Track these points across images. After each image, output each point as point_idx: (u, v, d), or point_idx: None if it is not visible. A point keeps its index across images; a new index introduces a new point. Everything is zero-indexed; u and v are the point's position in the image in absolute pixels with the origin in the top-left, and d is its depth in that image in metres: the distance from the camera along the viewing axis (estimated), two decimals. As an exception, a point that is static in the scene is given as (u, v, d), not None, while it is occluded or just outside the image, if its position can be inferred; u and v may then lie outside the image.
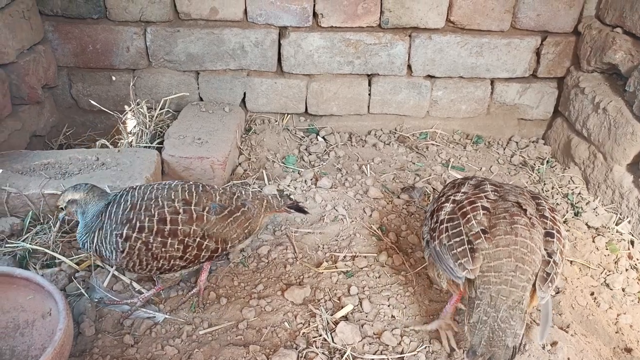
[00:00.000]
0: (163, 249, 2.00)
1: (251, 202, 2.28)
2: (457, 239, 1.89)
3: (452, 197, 2.05)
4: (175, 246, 2.02)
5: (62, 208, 2.06)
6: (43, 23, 3.16)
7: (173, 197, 2.06)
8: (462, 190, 2.08)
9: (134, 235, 1.96)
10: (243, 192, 2.31)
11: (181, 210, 2.03)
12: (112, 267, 2.28)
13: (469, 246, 1.85)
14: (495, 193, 2.02)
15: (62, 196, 2.06)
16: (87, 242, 2.03)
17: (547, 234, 1.91)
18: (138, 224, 1.97)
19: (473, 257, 1.83)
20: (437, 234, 1.98)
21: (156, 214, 1.99)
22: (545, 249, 1.87)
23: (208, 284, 2.31)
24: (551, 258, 1.85)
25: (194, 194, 2.11)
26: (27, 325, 1.93)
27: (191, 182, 2.19)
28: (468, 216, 1.92)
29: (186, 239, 2.03)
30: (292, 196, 2.87)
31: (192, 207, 2.06)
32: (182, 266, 2.10)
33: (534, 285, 1.81)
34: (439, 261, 1.96)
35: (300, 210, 2.52)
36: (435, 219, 2.04)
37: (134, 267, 2.04)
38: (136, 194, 2.06)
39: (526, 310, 1.80)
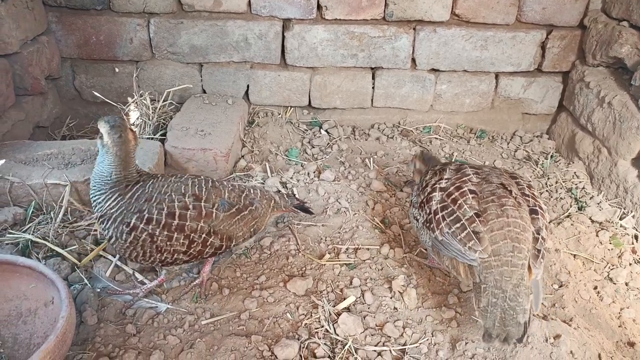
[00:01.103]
0: (168, 243, 1.99)
1: (259, 201, 2.26)
2: (458, 225, 1.93)
3: (437, 186, 2.08)
4: (181, 241, 2.01)
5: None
6: (47, 14, 3.15)
7: (183, 192, 2.04)
8: (445, 176, 2.11)
9: (141, 226, 1.95)
10: (252, 191, 2.29)
11: (191, 206, 2.01)
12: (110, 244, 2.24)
13: (471, 229, 1.90)
14: (477, 176, 2.07)
15: (101, 121, 1.95)
16: (99, 200, 1.99)
17: (532, 211, 1.98)
18: (147, 216, 1.95)
19: (479, 238, 1.88)
20: (434, 224, 2.01)
21: (166, 207, 1.98)
22: (532, 226, 1.94)
23: (210, 275, 2.31)
24: (539, 234, 1.93)
25: (204, 190, 2.09)
26: (30, 313, 1.93)
27: (201, 177, 2.17)
28: (459, 202, 1.97)
29: (192, 234, 2.02)
30: (295, 190, 2.87)
31: (202, 204, 2.04)
32: (184, 260, 2.09)
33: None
34: (445, 250, 1.98)
35: (306, 210, 2.54)
36: (427, 211, 2.06)
37: (136, 258, 2.03)
38: (157, 185, 2.03)
39: (528, 285, 1.85)
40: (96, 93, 3.30)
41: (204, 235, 2.04)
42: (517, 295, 1.82)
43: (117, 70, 3.37)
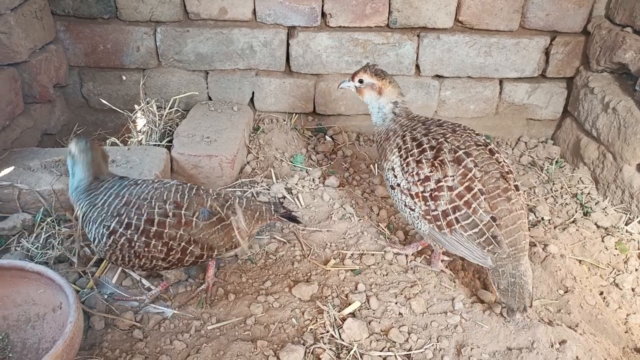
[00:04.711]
0: (146, 249, 2.00)
1: (243, 211, 2.25)
2: (476, 230, 2.04)
3: (443, 184, 2.07)
4: (159, 248, 2.01)
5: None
6: (55, 23, 3.20)
7: (165, 199, 2.04)
8: (449, 173, 2.06)
9: (120, 230, 1.96)
10: (237, 200, 2.28)
11: (170, 214, 2.02)
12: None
13: (490, 234, 2.02)
14: (476, 166, 2.09)
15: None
16: (81, 203, 2.06)
17: (515, 187, 2.15)
18: (126, 220, 1.97)
19: (497, 241, 2.03)
20: (444, 223, 2.08)
21: (145, 213, 1.99)
22: None
23: (216, 280, 2.32)
24: None
25: (186, 197, 2.08)
26: (38, 318, 1.96)
27: (186, 184, 2.17)
28: (473, 206, 2.04)
29: (171, 242, 2.02)
30: (300, 196, 2.88)
31: (182, 212, 2.04)
32: (164, 267, 2.09)
33: None
34: (451, 247, 2.14)
35: (293, 219, 2.50)
36: (432, 207, 2.10)
37: (116, 261, 2.04)
38: (136, 190, 2.06)
39: None
40: (103, 100, 3.34)
41: (183, 244, 2.04)
42: (526, 270, 2.08)
43: (124, 78, 3.41)
